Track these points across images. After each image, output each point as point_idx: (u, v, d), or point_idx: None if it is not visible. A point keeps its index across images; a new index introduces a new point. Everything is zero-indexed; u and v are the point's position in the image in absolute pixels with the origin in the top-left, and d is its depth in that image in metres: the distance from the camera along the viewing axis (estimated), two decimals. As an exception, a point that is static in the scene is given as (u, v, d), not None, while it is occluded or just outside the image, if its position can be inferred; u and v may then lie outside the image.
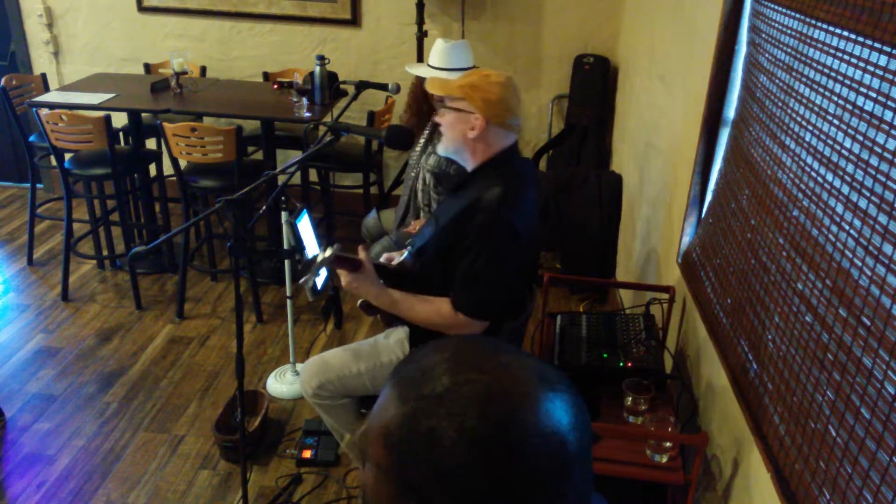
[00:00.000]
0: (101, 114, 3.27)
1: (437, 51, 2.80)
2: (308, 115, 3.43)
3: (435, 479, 0.64)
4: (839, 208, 1.35)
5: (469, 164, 2.01)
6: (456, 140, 1.97)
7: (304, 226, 2.14)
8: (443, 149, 2.03)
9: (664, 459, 1.91)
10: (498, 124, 1.92)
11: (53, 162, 3.54)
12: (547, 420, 0.65)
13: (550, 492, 0.65)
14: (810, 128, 1.51)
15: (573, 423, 0.67)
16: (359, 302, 2.05)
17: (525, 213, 1.92)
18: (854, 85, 1.32)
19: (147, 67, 4.28)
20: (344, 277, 1.93)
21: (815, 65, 1.50)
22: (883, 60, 1.22)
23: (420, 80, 2.79)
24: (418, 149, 2.80)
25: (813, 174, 1.48)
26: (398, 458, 0.66)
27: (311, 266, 1.84)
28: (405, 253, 2.09)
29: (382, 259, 2.06)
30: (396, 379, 0.70)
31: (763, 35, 1.83)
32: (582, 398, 0.71)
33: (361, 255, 1.93)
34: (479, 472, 0.63)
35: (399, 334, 2.18)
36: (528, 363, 0.70)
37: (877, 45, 1.23)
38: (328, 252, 1.82)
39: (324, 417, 2.26)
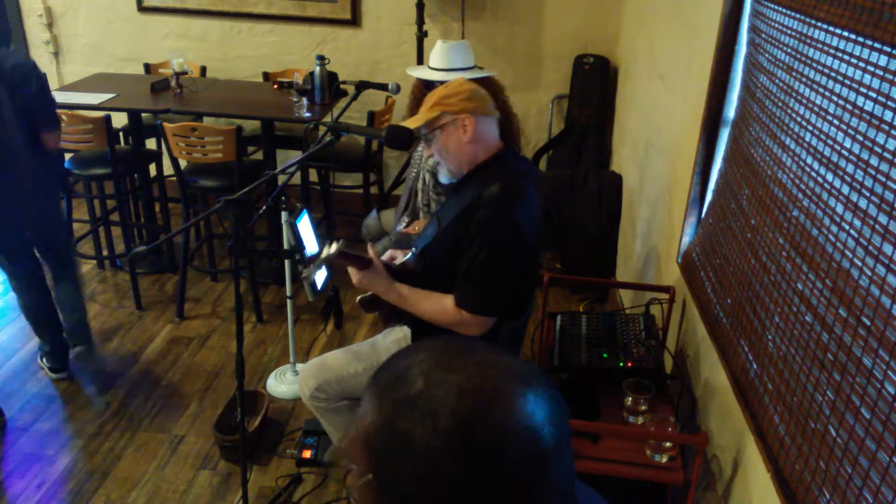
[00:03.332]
0: (101, 114, 3.27)
1: (438, 52, 2.77)
2: (308, 115, 3.43)
3: (413, 481, 0.65)
4: (839, 208, 1.35)
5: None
6: (455, 153, 1.96)
7: (304, 226, 2.14)
8: (446, 175, 2.02)
9: (664, 459, 1.91)
10: (483, 114, 1.95)
11: (53, 162, 3.54)
12: (519, 417, 0.66)
13: (527, 487, 0.66)
14: (810, 128, 1.51)
15: (548, 419, 0.67)
16: (358, 298, 2.05)
17: (527, 209, 1.92)
18: (854, 85, 1.32)
19: (147, 67, 4.28)
20: (354, 275, 1.95)
21: (815, 65, 1.50)
22: (883, 60, 1.22)
23: (420, 82, 2.79)
24: (420, 147, 2.80)
25: (813, 174, 1.48)
26: (378, 461, 0.68)
27: (314, 260, 1.84)
28: (409, 254, 2.09)
29: (385, 257, 2.07)
30: (374, 384, 0.71)
31: (763, 35, 1.83)
32: (559, 395, 0.71)
33: (370, 252, 1.95)
34: (452, 470, 0.64)
35: (397, 334, 2.18)
36: (502, 362, 0.70)
37: (877, 45, 1.23)
38: (333, 247, 1.81)
39: (322, 421, 2.25)
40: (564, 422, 0.70)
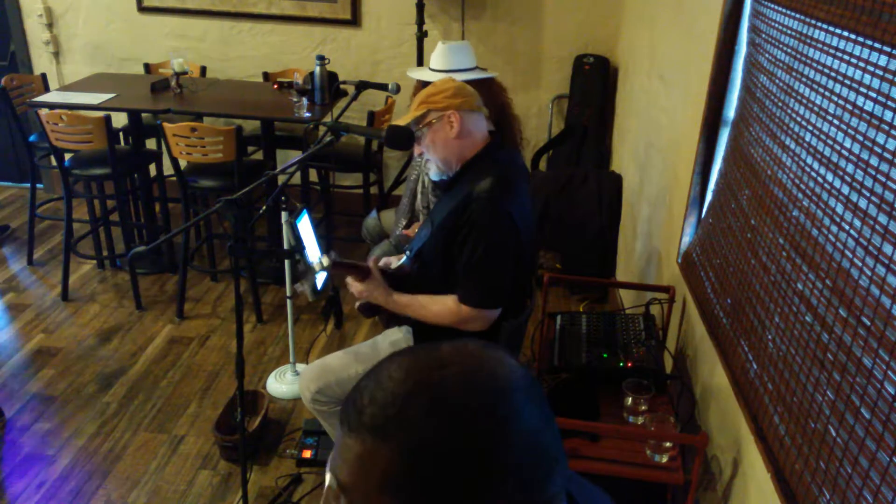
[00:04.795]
0: (101, 114, 3.27)
1: (438, 53, 2.75)
2: (308, 115, 3.43)
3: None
4: (839, 208, 1.35)
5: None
6: (443, 149, 1.99)
7: (304, 226, 2.14)
8: (436, 171, 2.05)
9: (664, 459, 1.91)
10: (469, 109, 1.97)
11: (53, 162, 3.54)
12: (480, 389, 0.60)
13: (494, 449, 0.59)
14: (810, 128, 1.51)
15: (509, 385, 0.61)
16: (357, 304, 2.08)
17: (518, 200, 1.94)
18: (854, 85, 1.32)
19: (147, 67, 4.28)
20: (356, 286, 2.00)
21: (815, 65, 1.50)
22: (883, 60, 1.22)
23: (420, 83, 2.78)
24: None
25: (813, 174, 1.48)
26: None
27: (306, 273, 1.88)
28: (403, 257, 2.10)
29: (381, 264, 2.09)
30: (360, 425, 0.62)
31: (763, 35, 1.83)
32: (538, 386, 0.65)
33: (370, 262, 1.99)
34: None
35: (397, 335, 2.18)
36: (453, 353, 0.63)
37: (877, 45, 1.23)
38: (325, 261, 1.86)
39: (323, 424, 2.26)
40: (530, 387, 0.63)
